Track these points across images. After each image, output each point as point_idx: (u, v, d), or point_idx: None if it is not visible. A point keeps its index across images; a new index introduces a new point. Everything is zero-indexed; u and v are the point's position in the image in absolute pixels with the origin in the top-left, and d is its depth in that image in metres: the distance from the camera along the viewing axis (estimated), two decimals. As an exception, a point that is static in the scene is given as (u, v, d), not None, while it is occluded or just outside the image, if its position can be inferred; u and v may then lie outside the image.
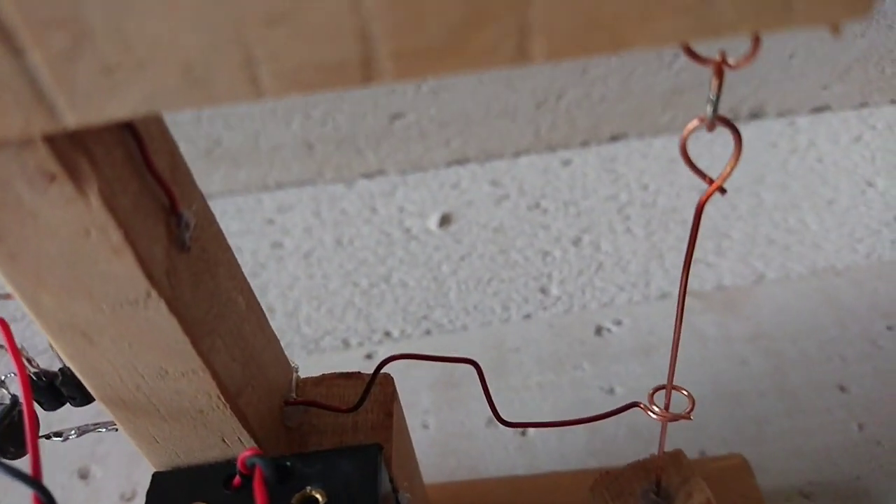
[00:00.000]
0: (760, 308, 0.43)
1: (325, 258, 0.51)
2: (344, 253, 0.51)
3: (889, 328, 0.42)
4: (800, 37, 0.55)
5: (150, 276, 0.15)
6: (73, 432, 0.21)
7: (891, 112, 0.59)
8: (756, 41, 0.13)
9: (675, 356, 0.19)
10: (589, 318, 0.44)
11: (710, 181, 0.16)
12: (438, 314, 0.46)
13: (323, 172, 0.57)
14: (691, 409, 0.20)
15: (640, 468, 0.24)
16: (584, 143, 0.57)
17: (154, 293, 0.15)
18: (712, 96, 0.15)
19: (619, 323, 0.43)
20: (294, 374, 0.23)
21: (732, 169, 0.15)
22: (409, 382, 0.41)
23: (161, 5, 0.11)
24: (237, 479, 0.18)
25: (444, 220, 0.52)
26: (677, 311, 0.18)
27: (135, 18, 0.11)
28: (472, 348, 0.43)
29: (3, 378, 0.21)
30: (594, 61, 0.53)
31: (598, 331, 0.43)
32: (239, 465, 0.17)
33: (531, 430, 0.37)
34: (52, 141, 0.13)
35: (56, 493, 0.48)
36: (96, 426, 0.21)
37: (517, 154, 0.57)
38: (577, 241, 0.49)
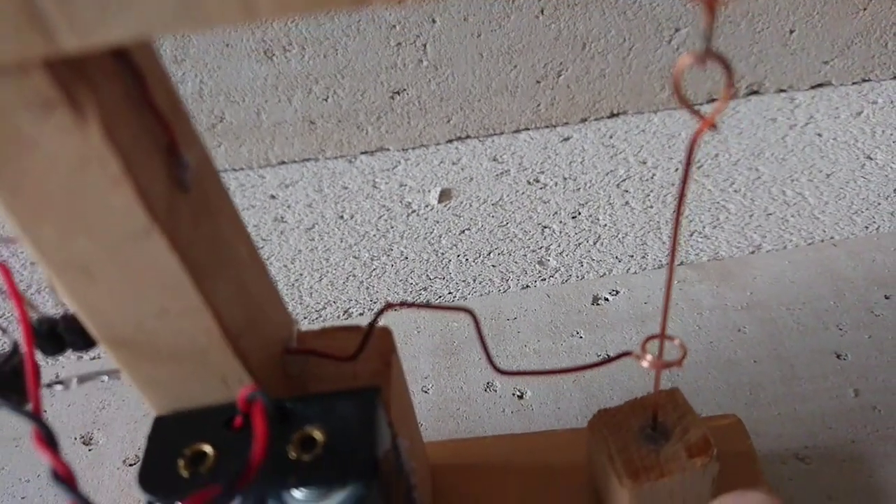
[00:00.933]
0: (756, 278, 0.43)
1: (327, 232, 0.51)
2: (345, 227, 0.51)
3: (887, 297, 0.42)
4: (799, 11, 0.55)
5: (150, 211, 0.15)
6: (74, 380, 0.22)
7: (893, 87, 0.59)
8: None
9: (668, 304, 0.20)
10: (586, 288, 0.44)
11: (702, 117, 0.16)
12: (438, 285, 0.46)
13: (324, 148, 0.57)
14: (683, 357, 0.20)
15: (638, 405, 0.25)
16: (584, 120, 0.57)
17: (155, 228, 0.15)
18: (705, 32, 0.15)
19: (615, 293, 0.43)
20: (295, 327, 0.23)
21: (724, 104, 0.16)
22: (410, 349, 0.42)
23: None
24: (238, 419, 0.19)
25: (444, 195, 0.53)
26: (669, 257, 0.18)
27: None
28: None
29: (4, 327, 0.22)
30: (593, 37, 0.53)
31: (595, 300, 0.43)
32: (239, 402, 0.18)
33: (528, 394, 0.38)
34: (51, 67, 0.13)
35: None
36: (98, 374, 0.22)
37: (517, 130, 0.57)
38: (575, 215, 0.49)
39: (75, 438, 0.41)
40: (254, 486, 0.18)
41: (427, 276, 0.47)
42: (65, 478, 0.16)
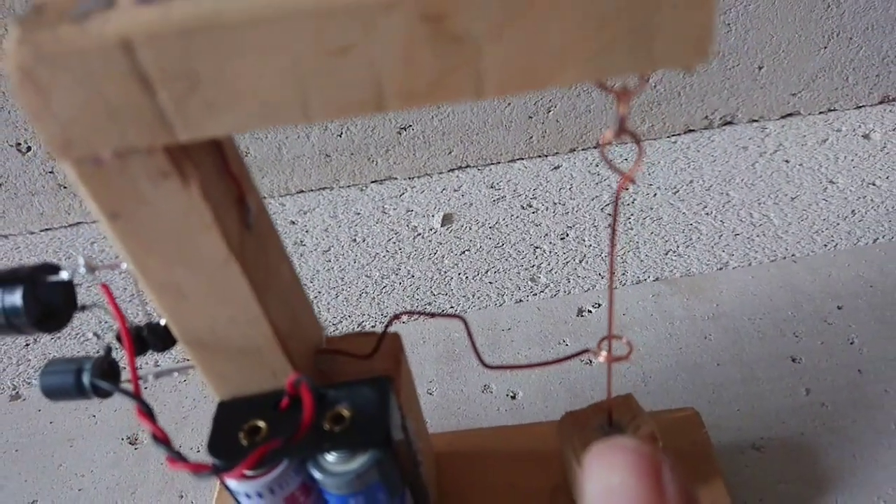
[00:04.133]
0: (723, 292, 0.49)
1: (342, 254, 0.57)
2: (358, 249, 0.57)
3: (839, 307, 0.47)
4: (766, 49, 0.61)
5: (229, 246, 0.21)
6: (151, 376, 0.28)
7: (855, 116, 0.64)
8: (643, 77, 0.19)
9: (612, 309, 0.25)
10: (572, 301, 0.50)
11: (622, 173, 0.22)
12: (441, 300, 0.52)
13: (339, 179, 0.63)
14: (629, 353, 0.26)
15: (598, 408, 0.30)
16: (572, 150, 0.63)
17: (231, 258, 0.21)
18: (619, 116, 0.21)
19: (598, 305, 0.49)
20: (324, 332, 0.29)
21: (638, 165, 0.21)
22: (417, 357, 0.47)
23: (248, 67, 0.17)
24: (285, 401, 0.25)
25: (447, 220, 0.59)
26: (609, 272, 0.24)
27: (230, 73, 0.17)
28: (470, 328, 0.49)
29: (99, 333, 0.28)
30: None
31: (580, 312, 0.49)
32: (287, 386, 0.24)
33: (520, 394, 0.43)
34: (169, 150, 0.19)
35: (108, 457, 0.55)
36: (171, 371, 0.28)
37: (512, 160, 0.63)
38: (563, 236, 0.55)
39: (122, 439, 0.47)
40: (298, 449, 0.23)
41: (431, 292, 0.53)
42: (162, 440, 0.22)
